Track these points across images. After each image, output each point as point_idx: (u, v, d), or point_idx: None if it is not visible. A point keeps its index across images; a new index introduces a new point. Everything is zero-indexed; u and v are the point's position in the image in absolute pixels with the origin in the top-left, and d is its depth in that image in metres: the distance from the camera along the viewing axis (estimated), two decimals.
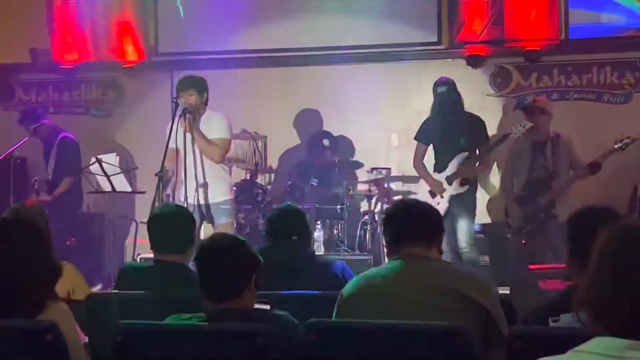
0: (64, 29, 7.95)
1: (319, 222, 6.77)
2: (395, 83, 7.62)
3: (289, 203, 4.53)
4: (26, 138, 7.04)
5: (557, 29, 7.18)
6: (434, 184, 6.22)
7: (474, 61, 7.39)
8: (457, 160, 6.11)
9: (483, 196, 6.98)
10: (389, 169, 7.18)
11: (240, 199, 6.73)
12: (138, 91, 8.09)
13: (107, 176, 6.53)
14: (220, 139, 5.63)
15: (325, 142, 7.20)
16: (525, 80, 7.40)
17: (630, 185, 6.52)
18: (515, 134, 6.05)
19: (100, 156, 6.59)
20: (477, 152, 6.19)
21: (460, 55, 7.41)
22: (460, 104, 6.26)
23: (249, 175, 7.21)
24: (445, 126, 6.17)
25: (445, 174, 6.16)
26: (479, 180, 6.58)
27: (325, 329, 2.53)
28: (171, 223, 3.50)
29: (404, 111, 7.52)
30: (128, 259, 7.32)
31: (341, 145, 7.46)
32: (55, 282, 2.56)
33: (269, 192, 7.13)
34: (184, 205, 5.08)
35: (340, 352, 2.47)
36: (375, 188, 7.09)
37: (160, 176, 5.37)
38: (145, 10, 7.97)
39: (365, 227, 6.95)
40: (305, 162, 7.32)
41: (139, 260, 5.80)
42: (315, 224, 6.68)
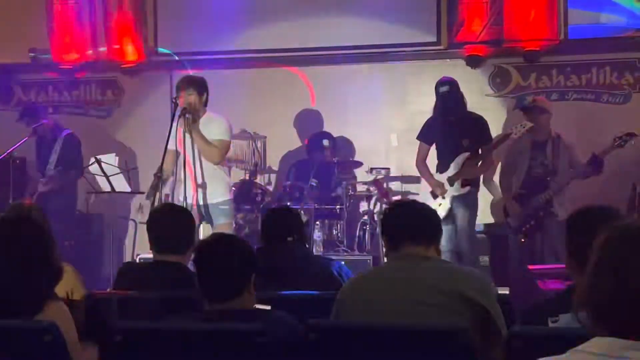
0: (64, 29, 7.94)
1: (318, 223, 6.76)
2: (394, 83, 7.61)
3: (284, 204, 4.52)
4: (25, 138, 7.04)
5: (557, 29, 7.17)
6: (435, 184, 6.21)
7: (473, 61, 7.39)
8: (459, 160, 6.11)
9: (486, 197, 6.97)
10: (389, 169, 7.18)
11: (239, 199, 6.72)
12: (137, 91, 8.09)
13: (107, 176, 6.53)
14: (220, 140, 5.63)
15: (325, 143, 7.20)
16: (525, 81, 7.39)
17: (630, 185, 6.52)
18: (516, 134, 6.05)
19: (99, 156, 6.59)
20: (480, 153, 6.19)
21: (460, 55, 7.41)
22: (463, 104, 6.25)
23: (248, 175, 7.21)
24: (447, 126, 6.17)
25: (447, 175, 6.16)
26: (483, 181, 6.58)
27: (325, 329, 2.53)
28: (171, 223, 3.50)
29: (404, 111, 7.52)
30: (127, 259, 7.32)
31: (341, 146, 7.46)
32: (56, 283, 2.55)
33: (268, 193, 7.13)
34: (183, 205, 5.08)
35: (340, 352, 2.47)
36: (375, 188, 7.08)
37: (160, 176, 5.37)
38: (145, 10, 7.97)
39: (365, 228, 6.94)
40: (305, 162, 7.32)
41: (138, 261, 5.80)
42: (315, 224, 6.67)
